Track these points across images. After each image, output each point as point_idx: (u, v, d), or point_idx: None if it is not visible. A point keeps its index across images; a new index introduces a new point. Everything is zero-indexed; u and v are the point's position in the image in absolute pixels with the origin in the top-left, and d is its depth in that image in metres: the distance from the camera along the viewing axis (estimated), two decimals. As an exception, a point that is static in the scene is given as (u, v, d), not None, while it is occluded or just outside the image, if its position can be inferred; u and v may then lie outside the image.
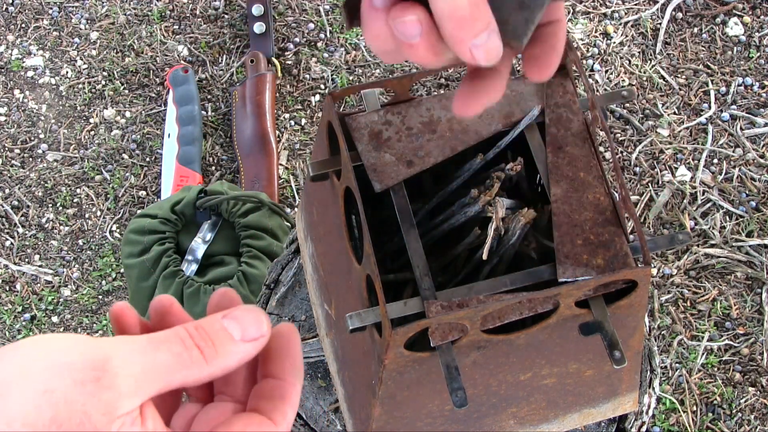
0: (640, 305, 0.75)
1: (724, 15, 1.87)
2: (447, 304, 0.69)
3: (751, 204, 1.71)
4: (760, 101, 1.80)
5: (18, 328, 1.71)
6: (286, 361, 0.50)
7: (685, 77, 1.82)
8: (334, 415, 1.00)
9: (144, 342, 0.46)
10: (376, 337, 0.71)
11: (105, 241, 1.75)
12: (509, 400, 0.82)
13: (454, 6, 0.51)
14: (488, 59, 0.53)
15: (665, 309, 1.66)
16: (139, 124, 1.82)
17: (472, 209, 0.77)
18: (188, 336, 0.47)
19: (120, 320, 0.51)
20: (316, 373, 1.02)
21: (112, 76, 1.86)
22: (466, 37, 0.52)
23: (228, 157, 1.80)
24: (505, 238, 0.77)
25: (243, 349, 0.48)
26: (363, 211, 0.71)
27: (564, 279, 0.71)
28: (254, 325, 0.49)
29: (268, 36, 1.84)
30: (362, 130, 0.78)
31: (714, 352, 1.63)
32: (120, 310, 0.51)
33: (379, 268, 0.70)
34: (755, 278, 1.67)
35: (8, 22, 1.91)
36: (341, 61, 1.85)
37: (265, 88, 1.79)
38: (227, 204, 1.40)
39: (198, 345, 0.47)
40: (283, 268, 1.08)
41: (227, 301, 0.52)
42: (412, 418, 0.80)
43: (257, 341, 0.49)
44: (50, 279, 1.73)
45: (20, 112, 1.84)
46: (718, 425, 1.59)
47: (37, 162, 1.80)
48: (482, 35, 0.52)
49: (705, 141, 1.77)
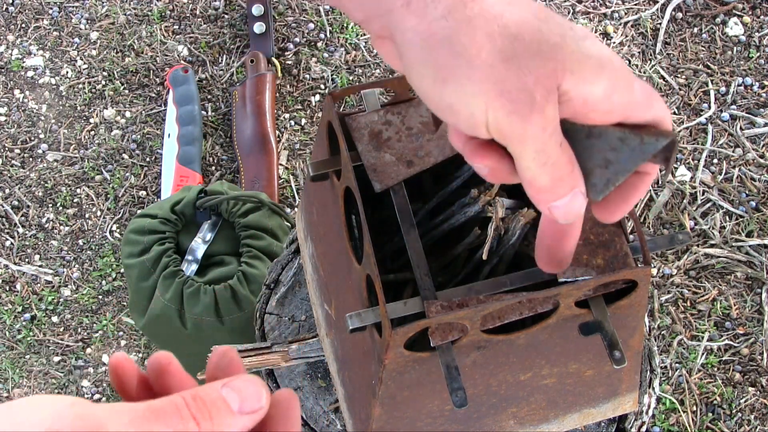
0: (640, 305, 0.75)
1: (724, 15, 1.87)
2: (447, 304, 0.69)
3: (751, 204, 1.71)
4: (760, 101, 1.80)
5: (18, 328, 1.71)
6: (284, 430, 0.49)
7: (685, 77, 1.82)
8: (334, 415, 1.00)
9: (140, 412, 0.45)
10: (376, 337, 0.71)
11: (105, 241, 1.75)
12: (509, 400, 0.82)
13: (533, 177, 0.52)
14: (566, 219, 0.53)
15: (665, 309, 1.66)
16: (139, 124, 1.82)
17: (472, 209, 0.77)
18: (185, 406, 0.46)
19: (118, 372, 0.50)
20: (316, 373, 1.02)
21: (112, 76, 1.86)
22: (545, 201, 0.53)
23: (228, 157, 1.80)
24: (505, 238, 0.77)
25: (240, 421, 0.47)
26: (363, 211, 0.71)
27: (564, 279, 0.71)
28: (254, 397, 0.47)
29: (268, 36, 1.84)
30: (362, 130, 0.78)
31: (714, 352, 1.63)
32: (118, 362, 0.50)
33: (379, 268, 0.70)
34: (755, 278, 1.67)
35: (8, 22, 1.91)
36: (341, 61, 1.85)
37: (265, 88, 1.79)
38: (227, 204, 1.40)
39: (194, 416, 0.46)
40: (283, 268, 1.08)
41: (227, 361, 0.51)
42: (412, 418, 0.80)
43: (255, 414, 0.47)
44: (50, 279, 1.73)
45: (20, 112, 1.84)
46: (718, 425, 1.59)
47: (37, 162, 1.80)
48: (563, 199, 0.53)
49: (705, 141, 1.77)
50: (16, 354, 1.70)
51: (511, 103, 0.50)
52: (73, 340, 1.70)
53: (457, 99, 0.51)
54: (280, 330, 1.05)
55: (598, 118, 0.52)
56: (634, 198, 0.56)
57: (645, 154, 0.51)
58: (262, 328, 1.06)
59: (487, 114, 0.50)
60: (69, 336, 1.71)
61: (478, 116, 0.51)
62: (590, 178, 0.53)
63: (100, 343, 1.70)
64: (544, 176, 0.51)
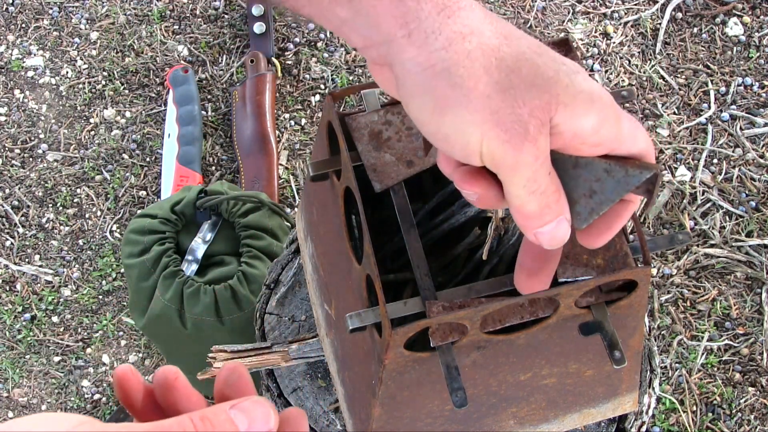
0: (640, 305, 0.75)
1: (723, 15, 1.87)
2: (448, 304, 0.69)
3: (750, 204, 1.71)
4: (760, 101, 1.80)
5: (18, 328, 1.71)
6: None
7: (685, 77, 1.82)
8: (334, 415, 1.00)
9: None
10: (376, 337, 0.71)
11: (105, 241, 1.75)
12: (509, 400, 0.82)
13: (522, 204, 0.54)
14: (551, 245, 0.55)
15: (665, 309, 1.66)
16: (139, 124, 1.82)
17: (472, 209, 0.77)
18: (192, 427, 0.46)
19: (123, 385, 0.50)
20: (316, 373, 1.02)
21: (112, 76, 1.86)
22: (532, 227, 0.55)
23: (228, 157, 1.80)
24: (505, 238, 0.77)
25: None
26: (363, 211, 0.71)
27: (564, 279, 0.71)
28: (262, 419, 0.47)
29: (268, 36, 1.84)
30: (362, 130, 0.78)
31: (714, 352, 1.63)
32: (124, 375, 0.50)
33: (379, 268, 0.70)
34: (755, 278, 1.67)
35: (8, 22, 1.91)
36: (341, 61, 1.85)
37: (265, 88, 1.79)
38: (227, 204, 1.40)
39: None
40: (283, 268, 1.08)
41: (236, 377, 0.51)
42: (412, 418, 0.80)
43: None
44: (50, 279, 1.73)
45: (20, 112, 1.84)
46: (718, 425, 1.59)
47: (37, 162, 1.80)
48: (548, 225, 0.54)
49: (705, 141, 1.77)
50: (16, 354, 1.70)
51: (506, 133, 0.52)
52: (73, 340, 1.70)
53: (454, 129, 0.53)
54: (280, 330, 1.05)
55: (586, 150, 0.54)
56: (617, 225, 0.58)
57: (629, 185, 0.54)
58: (262, 328, 1.06)
59: (482, 143, 0.52)
60: (69, 336, 1.71)
61: (473, 145, 0.53)
62: (575, 207, 0.55)
63: (100, 343, 1.70)
64: (533, 203, 0.53)
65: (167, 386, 0.50)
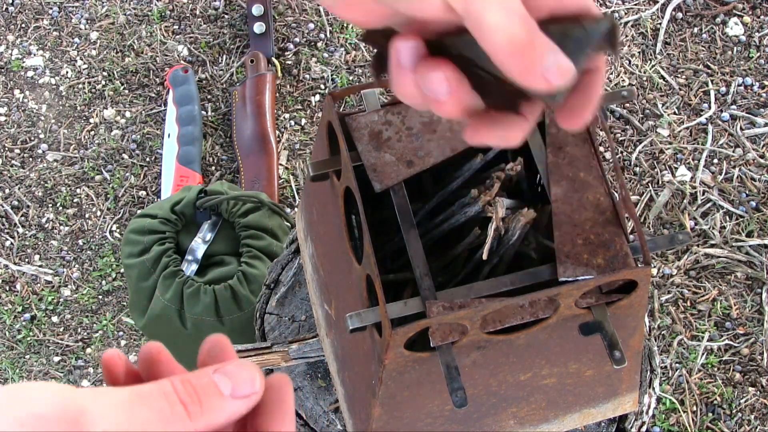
0: (640, 305, 0.75)
1: (724, 15, 1.87)
2: (448, 304, 0.69)
3: (751, 204, 1.71)
4: (760, 101, 1.80)
5: (18, 328, 1.71)
6: (278, 416, 0.47)
7: (685, 77, 1.82)
8: (334, 415, 1.00)
9: (125, 395, 0.43)
10: (376, 337, 0.71)
11: (105, 241, 1.75)
12: (509, 400, 0.82)
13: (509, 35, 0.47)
14: (565, 78, 0.49)
15: (665, 309, 1.66)
16: (139, 124, 1.82)
17: (472, 209, 0.77)
18: (173, 391, 0.44)
19: (109, 368, 0.49)
20: (316, 373, 1.02)
21: (112, 76, 1.86)
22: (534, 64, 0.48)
23: (228, 157, 1.80)
24: (505, 238, 0.77)
25: (232, 406, 0.45)
26: (363, 211, 0.71)
27: (564, 278, 0.71)
28: (247, 382, 0.46)
29: (268, 36, 1.84)
30: (362, 130, 0.78)
31: (714, 352, 1.63)
32: (111, 359, 0.49)
33: (379, 268, 0.70)
34: (755, 278, 1.67)
35: (8, 22, 1.91)
36: (341, 61, 1.85)
37: (265, 88, 1.79)
38: (227, 204, 1.40)
39: (183, 401, 0.44)
40: (283, 268, 1.08)
41: (219, 349, 0.50)
42: (412, 418, 0.80)
43: (249, 398, 0.46)
44: (50, 279, 1.73)
45: (20, 112, 1.84)
46: (718, 425, 1.59)
47: (37, 162, 1.80)
48: (549, 56, 0.48)
49: (705, 141, 1.77)
50: (16, 354, 1.70)
51: None
52: (73, 340, 1.70)
53: None
54: (280, 330, 1.05)
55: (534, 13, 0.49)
56: (594, 96, 0.54)
57: (591, 40, 0.50)
58: (262, 328, 1.06)
59: None
60: (69, 336, 1.71)
61: None
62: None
63: (100, 343, 1.70)
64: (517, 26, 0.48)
65: (151, 360, 0.50)
